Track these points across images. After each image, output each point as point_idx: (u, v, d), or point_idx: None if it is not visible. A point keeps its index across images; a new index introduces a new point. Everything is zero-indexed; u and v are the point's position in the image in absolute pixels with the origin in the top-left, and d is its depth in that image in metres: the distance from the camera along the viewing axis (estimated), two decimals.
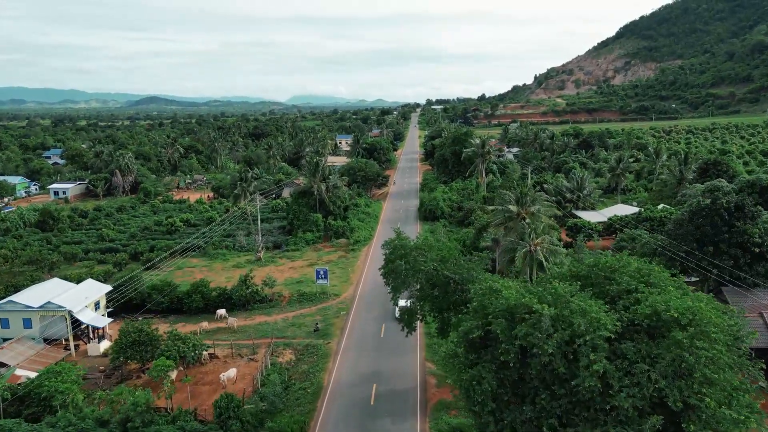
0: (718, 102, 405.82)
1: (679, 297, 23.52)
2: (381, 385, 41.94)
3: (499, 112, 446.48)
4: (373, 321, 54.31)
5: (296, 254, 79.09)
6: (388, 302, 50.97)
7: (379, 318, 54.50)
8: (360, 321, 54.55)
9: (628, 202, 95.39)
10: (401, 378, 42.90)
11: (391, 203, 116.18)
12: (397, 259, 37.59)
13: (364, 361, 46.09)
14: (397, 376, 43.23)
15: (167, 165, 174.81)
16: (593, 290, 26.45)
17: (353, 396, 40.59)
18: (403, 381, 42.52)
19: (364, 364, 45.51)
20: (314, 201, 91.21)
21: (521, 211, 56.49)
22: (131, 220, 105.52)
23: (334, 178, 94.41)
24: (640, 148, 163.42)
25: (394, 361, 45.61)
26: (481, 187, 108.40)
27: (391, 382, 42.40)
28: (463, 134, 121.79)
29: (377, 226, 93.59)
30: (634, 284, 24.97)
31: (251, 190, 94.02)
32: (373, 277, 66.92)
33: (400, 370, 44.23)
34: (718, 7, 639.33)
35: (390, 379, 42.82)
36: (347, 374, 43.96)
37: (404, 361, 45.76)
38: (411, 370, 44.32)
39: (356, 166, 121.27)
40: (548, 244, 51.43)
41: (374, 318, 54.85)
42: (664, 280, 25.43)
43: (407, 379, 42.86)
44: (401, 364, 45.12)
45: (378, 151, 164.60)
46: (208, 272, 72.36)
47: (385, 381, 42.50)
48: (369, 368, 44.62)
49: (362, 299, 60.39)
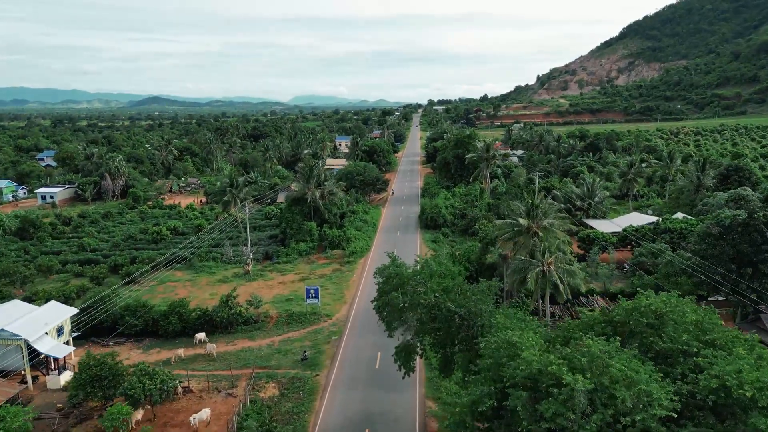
0: (723, 103, 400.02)
1: (753, 365, 17.99)
2: (374, 430, 36.52)
3: (501, 113, 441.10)
4: (367, 348, 48.84)
5: (288, 267, 73.66)
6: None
7: (374, 344, 48.99)
8: (353, 348, 49.12)
9: (642, 210, 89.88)
10: (398, 422, 37.44)
11: (390, 209, 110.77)
12: (392, 290, 32.16)
13: (355, 399, 40.61)
14: (393, 419, 37.76)
15: (161, 168, 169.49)
16: (635, 344, 21.01)
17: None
18: (400, 425, 37.07)
19: (355, 403, 40.03)
20: (308, 209, 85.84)
21: (532, 225, 51.03)
22: (117, 228, 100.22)
23: (330, 184, 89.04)
24: (650, 150, 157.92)
25: (390, 400, 40.14)
26: (486, 192, 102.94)
27: (386, 426, 36.96)
28: (466, 137, 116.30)
29: (375, 235, 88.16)
30: (695, 345, 19.40)
31: (242, 197, 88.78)
32: (369, 295, 61.37)
33: (397, 411, 38.76)
34: (723, 7, 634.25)
35: (385, 422, 37.36)
36: (336, 416, 38.51)
37: (402, 399, 40.29)
38: (409, 410, 38.88)
39: (354, 171, 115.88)
40: (563, 264, 45.99)
41: (369, 344, 49.36)
42: (731, 338, 19.91)
43: (405, 423, 37.39)
44: (398, 403, 39.66)
45: (378, 153, 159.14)
46: (192, 288, 67.00)
47: (379, 425, 37.05)
48: (361, 409, 39.16)
49: (356, 321, 54.96)
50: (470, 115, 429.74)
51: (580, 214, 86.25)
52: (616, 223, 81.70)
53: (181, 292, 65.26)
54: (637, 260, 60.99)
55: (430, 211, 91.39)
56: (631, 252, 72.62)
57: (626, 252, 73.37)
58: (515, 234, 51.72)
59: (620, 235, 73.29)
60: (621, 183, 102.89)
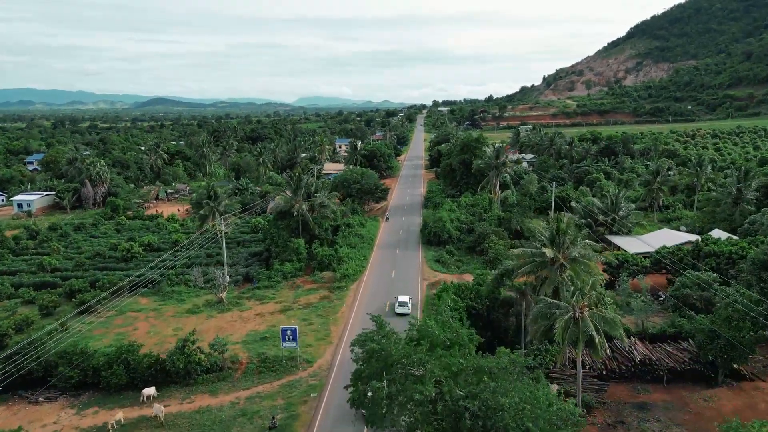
0: (736, 104, 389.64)
1: None
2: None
3: (507, 114, 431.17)
4: (353, 411, 39.09)
5: (269, 293, 64.01)
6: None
7: None
8: (335, 410, 39.38)
9: (672, 226, 80.00)
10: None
11: (390, 221, 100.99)
12: (373, 377, 22.45)
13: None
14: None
15: (149, 173, 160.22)
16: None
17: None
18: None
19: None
20: (296, 223, 76.25)
21: (558, 257, 41.26)
22: (87, 242, 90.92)
23: (321, 195, 79.43)
24: (669, 155, 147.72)
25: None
26: (495, 203, 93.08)
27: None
28: (473, 141, 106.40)
29: (371, 253, 78.42)
30: None
31: (222, 209, 79.27)
32: (360, 330, 51.84)
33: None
34: (732, 6, 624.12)
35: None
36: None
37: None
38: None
39: (351, 178, 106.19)
40: (600, 310, 36.22)
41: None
42: None
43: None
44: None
45: (378, 158, 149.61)
46: (155, 320, 57.46)
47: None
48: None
49: (342, 370, 45.23)
50: (475, 116, 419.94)
51: (602, 230, 76.52)
52: (644, 241, 71.91)
53: (141, 326, 55.75)
54: (680, 292, 51.09)
55: (434, 226, 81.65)
56: (665, 276, 62.87)
57: (660, 276, 63.58)
58: (537, 267, 41.97)
59: (652, 257, 63.43)
60: (645, 193, 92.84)
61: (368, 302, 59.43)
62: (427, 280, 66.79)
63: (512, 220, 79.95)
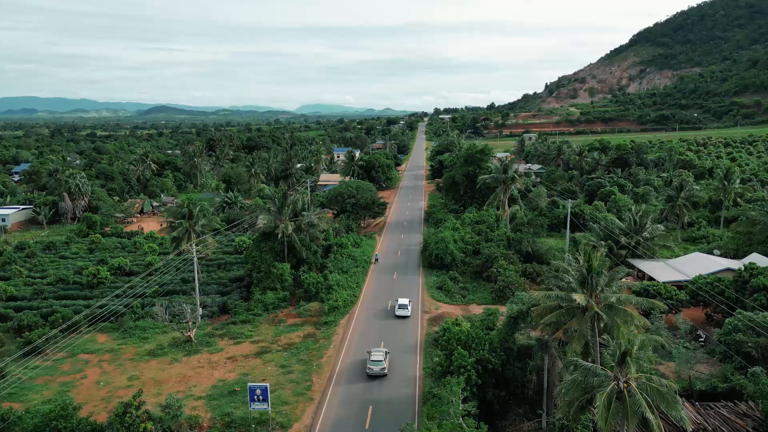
0: (743, 111, 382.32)
1: None
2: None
3: (510, 122, 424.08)
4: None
5: (246, 329, 55.64)
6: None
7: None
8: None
9: (704, 249, 71.61)
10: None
11: (388, 239, 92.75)
12: None
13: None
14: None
15: (135, 185, 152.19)
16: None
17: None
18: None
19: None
20: (281, 245, 68.02)
21: (591, 303, 32.96)
22: (57, 264, 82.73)
23: (309, 214, 71.22)
24: (684, 165, 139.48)
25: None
26: (503, 221, 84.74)
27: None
28: (478, 152, 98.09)
29: (366, 279, 70.06)
30: None
31: (199, 230, 71.06)
32: (348, 382, 43.59)
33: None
34: (736, 13, 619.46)
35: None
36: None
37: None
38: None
39: (345, 192, 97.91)
40: (651, 378, 27.90)
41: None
42: None
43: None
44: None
45: (376, 169, 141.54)
46: (109, 365, 49.10)
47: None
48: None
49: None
50: (477, 124, 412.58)
51: (624, 253, 68.21)
52: (674, 267, 63.54)
53: (91, 374, 47.44)
54: (731, 338, 42.68)
55: (435, 247, 73.27)
56: (703, 310, 54.52)
57: (696, 310, 55.23)
58: (564, 316, 33.66)
59: (687, 287, 55.09)
60: (667, 209, 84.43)
61: (359, 342, 51.15)
62: (429, 314, 58.49)
63: (523, 241, 71.62)
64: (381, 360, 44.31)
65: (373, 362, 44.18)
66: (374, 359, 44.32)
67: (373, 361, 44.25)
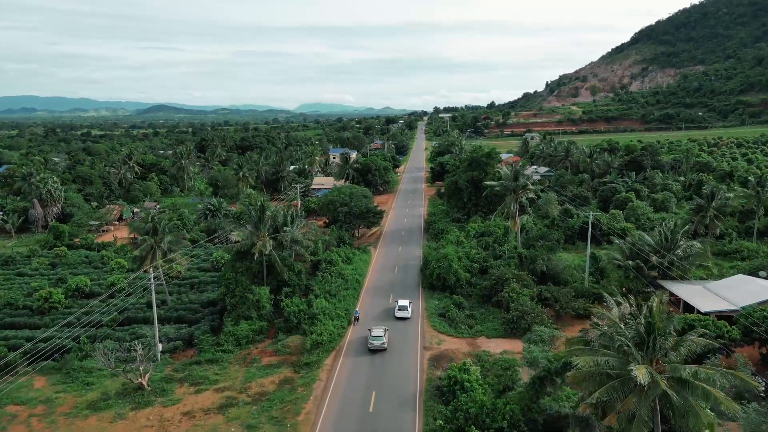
0: (749, 110, 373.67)
1: None
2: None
3: (511, 121, 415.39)
4: None
5: (211, 371, 46.54)
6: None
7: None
8: None
9: (744, 268, 62.59)
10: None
11: (384, 252, 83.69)
12: None
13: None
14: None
15: (117, 189, 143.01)
16: None
17: None
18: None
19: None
20: (259, 266, 58.99)
21: (656, 377, 23.92)
22: (11, 282, 73.63)
23: (292, 230, 62.19)
24: (702, 168, 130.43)
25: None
26: (512, 233, 75.67)
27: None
28: (483, 157, 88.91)
29: (356, 304, 60.93)
30: None
31: (166, 247, 61.98)
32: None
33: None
34: (740, 11, 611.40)
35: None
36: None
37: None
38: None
39: (337, 200, 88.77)
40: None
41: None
42: None
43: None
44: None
45: (373, 172, 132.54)
46: (39, 422, 40.02)
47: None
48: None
49: None
50: (478, 124, 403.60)
51: (654, 274, 59.26)
52: (714, 292, 54.55)
53: (15, 430, 38.47)
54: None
55: (437, 266, 64.14)
56: (757, 349, 45.57)
57: (748, 349, 46.22)
58: (617, 391, 24.61)
59: (738, 321, 46.14)
60: (697, 221, 75.35)
61: (345, 393, 42.14)
62: (430, 350, 49.47)
63: (537, 260, 62.63)
64: (381, 335, 49.37)
65: (374, 337, 49.21)
66: (375, 335, 49.40)
67: (374, 336, 49.30)
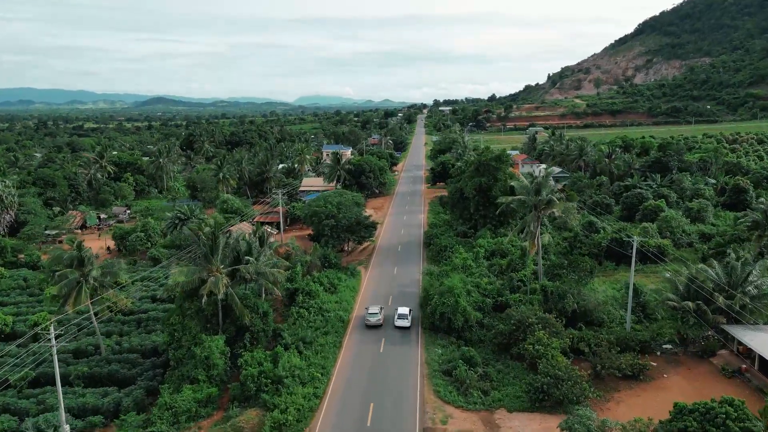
0: (760, 103, 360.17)
1: None
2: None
3: (513, 115, 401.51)
4: None
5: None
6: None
7: None
8: None
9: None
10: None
11: (376, 274, 70.56)
12: None
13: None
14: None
15: (86, 191, 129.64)
16: None
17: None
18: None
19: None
20: (213, 308, 45.95)
21: None
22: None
23: (265, 257, 49.11)
24: (731, 169, 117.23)
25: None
26: (530, 257, 62.54)
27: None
28: (492, 160, 75.55)
29: (339, 354, 47.89)
30: None
31: (97, 280, 48.84)
32: None
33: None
34: (746, 1, 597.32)
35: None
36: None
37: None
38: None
39: (323, 212, 75.45)
40: None
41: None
42: None
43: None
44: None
45: (367, 174, 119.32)
46: None
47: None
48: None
49: None
50: (479, 117, 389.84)
51: (721, 319, 46.31)
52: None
53: None
54: None
55: (440, 302, 50.84)
56: None
57: None
58: None
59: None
60: (754, 240, 62.29)
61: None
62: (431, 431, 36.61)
63: (567, 297, 49.57)
64: (377, 313, 52.29)
65: (371, 314, 52.28)
66: (371, 312, 52.48)
67: (370, 314, 52.41)
